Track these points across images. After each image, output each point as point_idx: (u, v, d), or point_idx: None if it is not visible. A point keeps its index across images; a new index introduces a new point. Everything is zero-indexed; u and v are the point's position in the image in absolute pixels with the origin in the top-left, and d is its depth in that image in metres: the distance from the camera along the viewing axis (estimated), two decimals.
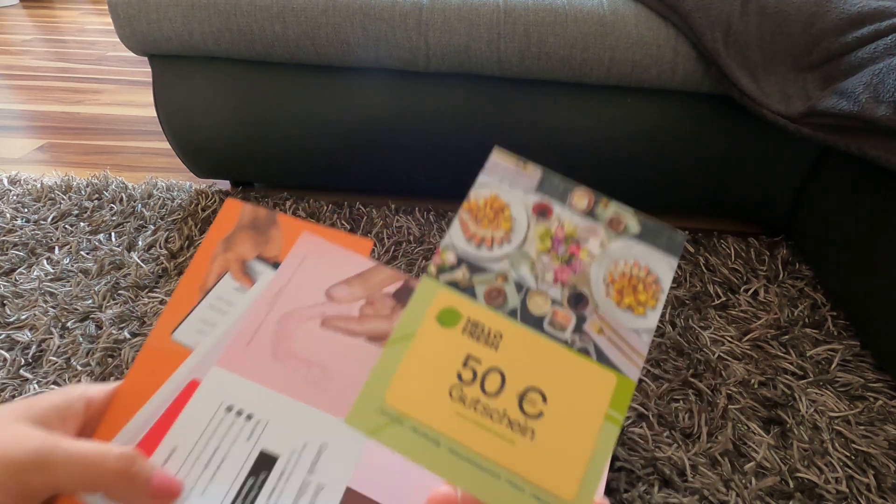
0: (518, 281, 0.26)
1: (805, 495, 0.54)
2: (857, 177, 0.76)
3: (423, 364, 0.24)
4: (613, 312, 0.26)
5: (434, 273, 0.26)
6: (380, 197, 1.03)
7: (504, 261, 0.26)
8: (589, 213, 0.27)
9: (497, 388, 0.24)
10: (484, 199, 0.27)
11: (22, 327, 0.70)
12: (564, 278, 0.26)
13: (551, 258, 0.27)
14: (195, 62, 0.86)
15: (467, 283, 0.26)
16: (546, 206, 0.27)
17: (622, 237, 0.27)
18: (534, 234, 0.27)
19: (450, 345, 0.24)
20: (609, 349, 0.25)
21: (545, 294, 0.26)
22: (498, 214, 0.27)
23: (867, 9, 0.70)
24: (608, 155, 0.88)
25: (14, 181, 0.99)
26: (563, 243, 0.27)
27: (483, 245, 0.27)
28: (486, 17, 0.77)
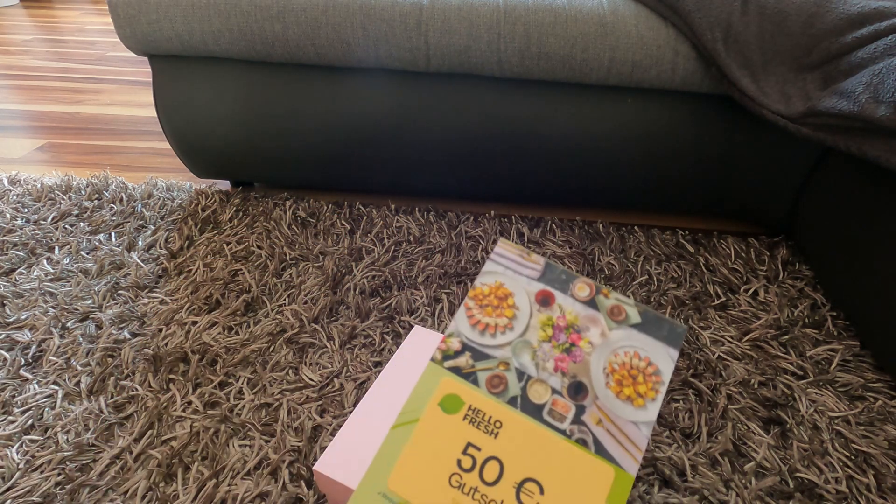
0: (519, 369, 0.27)
1: (805, 495, 0.54)
2: (857, 177, 0.76)
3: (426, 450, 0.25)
4: (613, 404, 0.26)
5: (439, 359, 0.26)
6: (380, 197, 1.03)
7: (506, 348, 0.27)
8: (590, 301, 0.28)
9: (495, 477, 0.24)
10: (489, 286, 0.28)
11: (22, 327, 0.70)
12: (565, 367, 0.27)
13: (552, 346, 0.27)
14: (195, 62, 0.86)
15: (470, 370, 0.26)
16: (549, 295, 0.28)
17: (622, 326, 0.27)
18: (536, 322, 0.27)
19: (451, 432, 0.25)
20: (608, 441, 0.25)
21: (545, 383, 0.26)
22: (502, 302, 0.28)
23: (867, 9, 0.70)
24: (608, 155, 0.88)
25: (14, 181, 0.99)
26: (565, 332, 0.27)
27: (487, 332, 0.27)
28: (486, 17, 0.77)
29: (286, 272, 0.81)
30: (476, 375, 0.26)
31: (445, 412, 0.25)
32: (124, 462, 0.55)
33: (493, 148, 0.89)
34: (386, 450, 0.25)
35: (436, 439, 0.25)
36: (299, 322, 0.72)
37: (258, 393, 0.63)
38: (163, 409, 0.61)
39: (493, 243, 0.89)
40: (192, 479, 0.54)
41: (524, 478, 0.24)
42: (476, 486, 0.24)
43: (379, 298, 0.77)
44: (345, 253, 0.85)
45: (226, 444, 0.57)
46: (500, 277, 0.28)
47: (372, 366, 0.67)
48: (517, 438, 0.25)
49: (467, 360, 0.27)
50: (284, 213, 0.94)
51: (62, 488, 0.53)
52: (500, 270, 0.28)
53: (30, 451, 0.56)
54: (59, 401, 0.61)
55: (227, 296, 0.76)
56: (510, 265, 0.29)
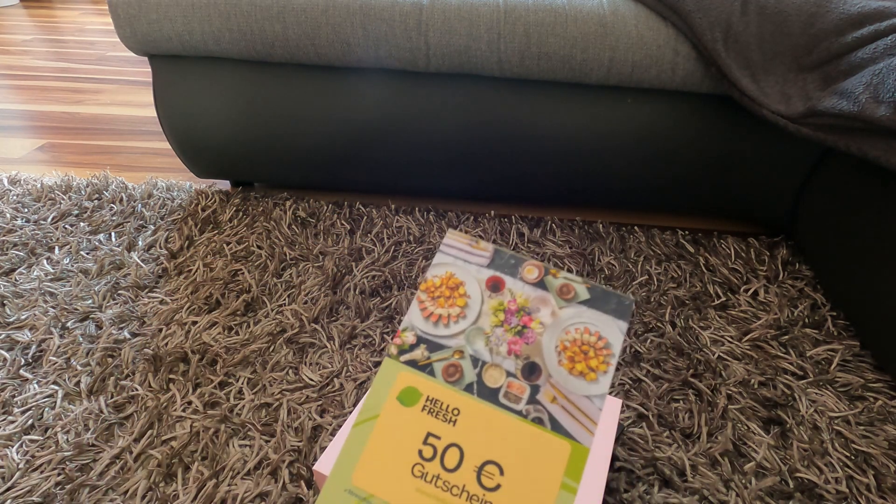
0: (474, 355, 0.27)
1: (805, 495, 0.54)
2: (857, 177, 0.76)
3: (387, 444, 0.25)
4: (566, 380, 0.27)
5: (395, 354, 0.27)
6: (380, 197, 1.03)
7: (460, 337, 0.28)
8: (539, 283, 0.29)
9: (456, 463, 0.25)
10: (440, 277, 0.29)
11: (22, 327, 0.70)
12: (518, 350, 0.27)
13: (504, 331, 0.28)
14: (195, 62, 0.86)
15: (426, 362, 0.27)
16: (499, 280, 0.29)
17: (572, 304, 0.28)
18: (488, 308, 0.28)
19: (411, 424, 0.26)
20: (563, 417, 0.26)
21: (500, 367, 0.27)
22: (453, 292, 0.28)
23: (867, 9, 0.70)
24: (608, 155, 0.88)
25: (14, 181, 0.99)
26: (516, 315, 0.28)
27: (440, 323, 0.28)
28: (486, 18, 0.77)
29: (286, 272, 0.81)
30: (432, 366, 0.27)
31: (404, 405, 0.26)
32: (124, 462, 0.55)
33: (493, 148, 0.89)
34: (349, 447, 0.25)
35: (396, 432, 0.25)
36: (299, 322, 0.72)
37: (258, 393, 0.63)
38: (163, 409, 0.61)
39: (494, 243, 0.89)
40: (192, 479, 0.54)
41: (484, 461, 0.25)
42: (438, 474, 0.25)
43: (379, 298, 0.77)
44: (345, 253, 0.85)
45: (226, 444, 0.57)
46: (450, 268, 0.29)
47: (372, 366, 0.67)
48: (475, 424, 0.26)
49: (423, 352, 0.27)
50: (284, 213, 0.94)
51: (62, 488, 0.53)
52: (450, 261, 0.29)
53: (30, 451, 0.56)
54: (59, 401, 0.61)
55: (227, 296, 0.76)
56: (459, 255, 0.29)
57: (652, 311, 0.76)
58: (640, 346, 0.70)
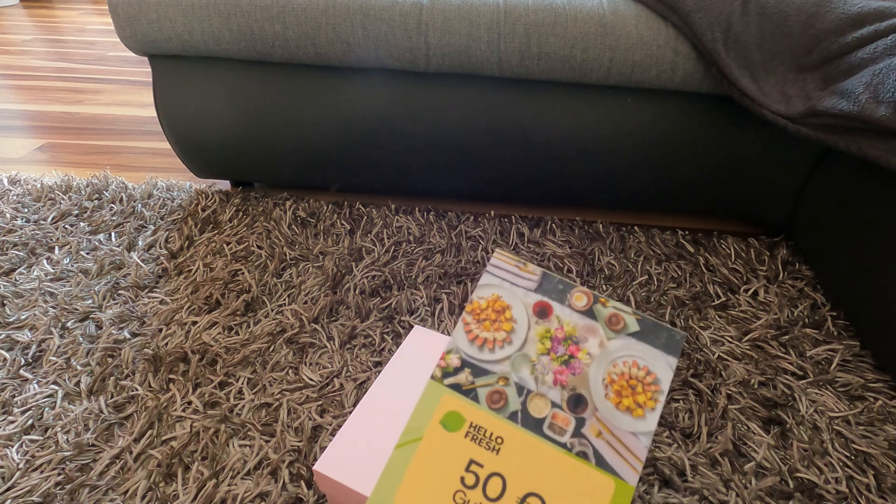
0: (519, 383, 0.26)
1: (805, 495, 0.54)
2: (857, 177, 0.76)
3: (429, 468, 0.25)
4: (612, 415, 0.26)
5: (439, 376, 0.26)
6: (380, 197, 1.03)
7: (505, 363, 0.27)
8: (587, 311, 0.28)
9: (498, 493, 0.25)
10: (486, 300, 0.28)
11: (22, 327, 0.70)
12: (564, 380, 0.27)
13: (551, 359, 0.27)
14: (195, 62, 0.86)
15: (470, 386, 0.26)
16: (546, 306, 0.28)
17: (621, 336, 0.27)
18: (534, 334, 0.27)
19: (454, 449, 0.25)
20: (608, 453, 0.26)
21: (545, 397, 0.26)
22: (500, 315, 0.28)
23: (867, 9, 0.70)
24: (608, 155, 0.88)
25: (14, 181, 0.99)
26: (563, 344, 0.27)
27: (485, 347, 0.27)
28: (486, 18, 0.77)
29: (286, 272, 0.81)
30: (476, 392, 0.26)
31: (447, 430, 0.26)
32: (124, 462, 0.55)
33: (493, 148, 0.89)
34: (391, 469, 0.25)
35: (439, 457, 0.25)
36: (299, 322, 0.72)
37: (258, 393, 0.63)
38: (163, 409, 0.61)
39: (494, 243, 0.89)
40: (192, 479, 0.54)
41: (527, 492, 0.25)
42: (480, 502, 0.25)
43: (379, 298, 0.77)
44: (345, 253, 0.85)
45: (226, 444, 0.57)
46: (497, 290, 0.28)
47: (372, 366, 0.67)
48: (518, 454, 0.25)
49: (467, 376, 0.27)
50: (284, 213, 0.94)
51: (62, 488, 0.53)
52: (497, 283, 0.28)
53: (30, 451, 0.56)
54: (59, 401, 0.61)
55: (227, 296, 0.76)
56: (507, 276, 0.28)
57: (652, 312, 0.76)
58: None
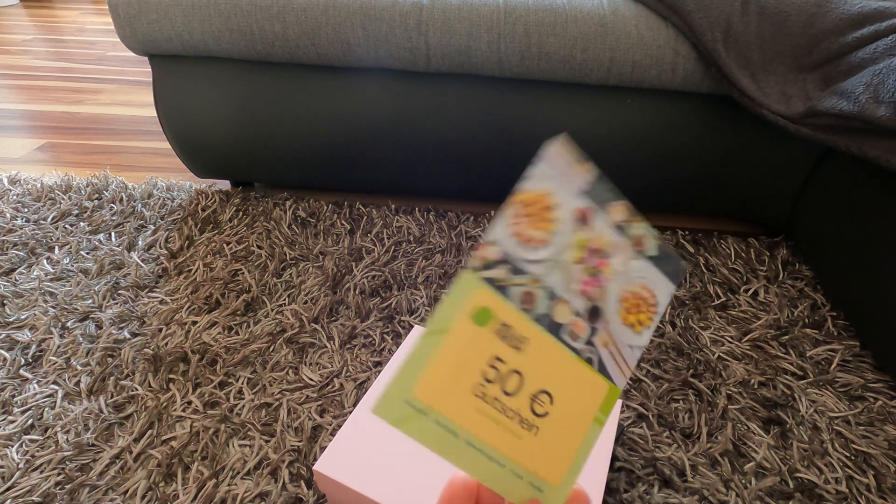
0: (550, 288, 0.26)
1: (805, 495, 0.54)
2: (857, 177, 0.76)
3: (453, 360, 0.25)
4: (617, 328, 0.28)
5: (479, 266, 0.25)
6: (380, 197, 1.03)
7: (541, 265, 0.26)
8: (622, 227, 0.28)
9: (515, 388, 0.26)
10: (536, 193, 0.26)
11: (22, 327, 0.70)
12: (588, 291, 0.27)
13: (582, 269, 0.27)
14: (195, 62, 0.86)
15: (505, 283, 0.26)
16: (587, 213, 0.27)
17: (641, 258, 0.28)
18: (573, 241, 0.27)
19: (480, 344, 0.25)
20: (608, 361, 0.28)
21: (569, 304, 0.27)
22: (546, 213, 0.26)
23: (867, 9, 0.70)
24: (608, 155, 0.88)
25: (14, 181, 0.99)
26: (595, 255, 0.27)
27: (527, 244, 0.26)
28: (486, 18, 0.77)
29: (286, 272, 0.81)
30: (510, 290, 0.26)
31: (477, 324, 0.25)
32: (124, 462, 0.55)
33: (492, 148, 0.89)
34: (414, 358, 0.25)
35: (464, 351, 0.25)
36: (299, 322, 0.72)
37: (258, 393, 0.63)
38: (163, 408, 0.61)
39: None
40: (192, 478, 0.54)
41: (539, 389, 0.26)
42: (496, 396, 0.26)
43: (379, 298, 0.77)
44: (345, 253, 0.85)
45: (226, 444, 0.57)
46: (550, 184, 0.26)
47: (372, 366, 0.67)
48: (538, 354, 0.26)
49: (505, 272, 0.26)
50: (284, 213, 0.94)
51: (62, 488, 0.53)
52: (553, 175, 0.26)
53: (30, 451, 0.56)
54: (59, 401, 0.61)
55: (227, 296, 0.76)
56: (563, 170, 0.27)
57: None
58: None
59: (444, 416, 0.25)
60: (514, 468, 0.26)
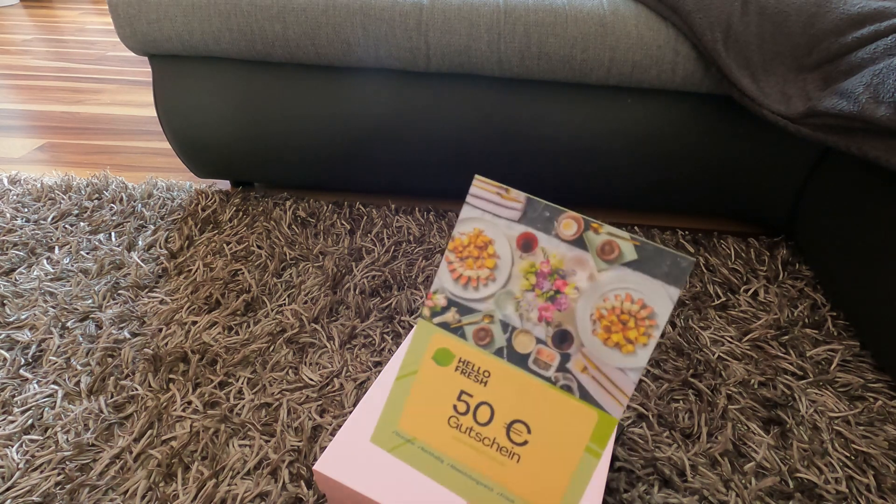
0: (504, 320, 0.27)
1: (805, 495, 0.54)
2: (857, 177, 0.76)
3: (426, 397, 0.28)
4: (599, 351, 0.26)
5: (428, 315, 0.28)
6: (380, 197, 1.03)
7: (490, 301, 0.27)
8: (577, 240, 0.26)
9: (487, 419, 0.27)
10: (468, 235, 0.27)
11: (22, 327, 0.70)
12: (549, 316, 0.26)
13: (536, 296, 0.26)
14: (195, 62, 0.86)
15: (457, 325, 0.27)
16: (531, 238, 0.26)
17: (614, 266, 0.25)
18: (518, 270, 0.26)
19: (445, 381, 0.28)
20: (592, 387, 0.26)
21: (530, 333, 0.26)
22: (482, 251, 0.27)
23: (867, 9, 0.70)
24: (608, 155, 0.88)
25: (14, 181, 0.99)
26: (548, 279, 0.26)
27: (469, 285, 0.27)
28: (487, 18, 0.77)
29: (286, 272, 0.81)
30: (463, 329, 0.28)
31: (439, 364, 0.28)
32: (124, 462, 0.55)
33: (492, 148, 0.89)
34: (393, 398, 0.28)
35: (433, 388, 0.28)
36: (299, 322, 0.72)
37: (258, 393, 0.63)
38: (163, 408, 0.61)
39: None
40: (191, 479, 0.54)
41: (512, 419, 0.27)
42: (471, 427, 0.27)
43: (379, 298, 0.77)
44: (345, 253, 0.85)
45: (226, 444, 0.57)
46: (479, 223, 0.27)
47: (372, 366, 0.67)
48: (504, 385, 0.27)
49: (454, 315, 0.28)
50: (284, 213, 0.94)
51: (62, 488, 0.53)
52: (478, 215, 0.27)
53: (30, 451, 0.56)
54: (59, 401, 0.61)
55: (227, 296, 0.76)
56: (488, 207, 0.27)
57: None
58: None
59: (427, 444, 0.28)
60: (502, 492, 0.27)
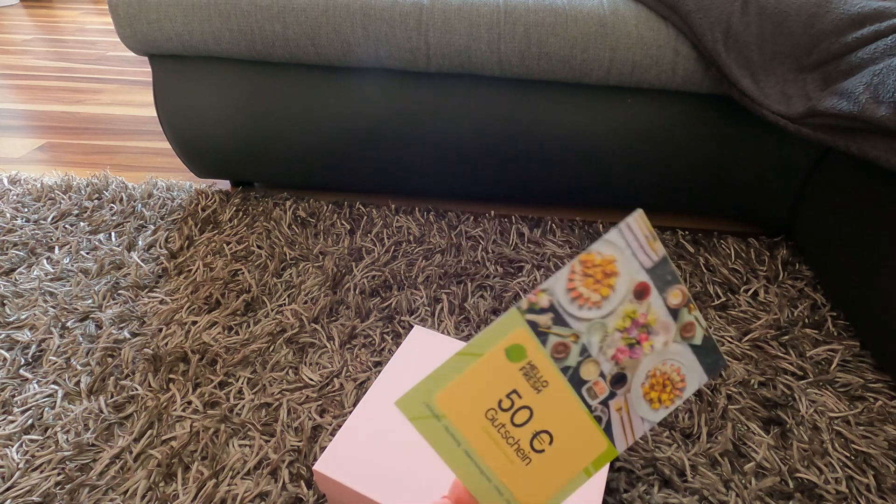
0: (586, 346, 0.28)
1: (805, 495, 0.54)
2: (857, 177, 0.76)
3: (477, 383, 0.28)
4: (637, 399, 0.29)
5: (524, 308, 0.28)
6: (380, 197, 1.03)
7: (585, 323, 0.28)
8: (674, 310, 0.29)
9: (523, 421, 0.28)
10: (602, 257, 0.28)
11: (22, 327, 0.70)
12: (621, 359, 0.29)
13: (622, 337, 0.29)
14: (195, 62, 0.86)
15: (546, 330, 0.28)
16: (646, 289, 0.29)
17: (684, 343, 0.30)
18: (622, 310, 0.29)
19: (505, 376, 0.28)
20: (616, 424, 0.29)
21: (598, 364, 0.29)
22: (605, 278, 0.28)
23: (867, 9, 0.70)
24: (608, 155, 0.88)
25: (14, 181, 0.99)
26: (638, 329, 0.29)
27: (577, 301, 0.28)
28: (487, 18, 0.77)
29: (286, 272, 0.81)
30: (548, 336, 0.28)
31: (508, 358, 0.28)
32: (124, 462, 0.55)
33: (492, 148, 0.89)
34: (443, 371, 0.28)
35: (489, 377, 0.28)
36: (299, 322, 0.72)
37: (258, 393, 0.63)
38: (163, 408, 0.61)
39: (493, 243, 0.89)
40: (191, 478, 0.54)
41: (543, 429, 0.29)
42: (504, 423, 0.28)
43: (379, 298, 0.77)
44: (345, 253, 0.85)
45: (226, 444, 0.57)
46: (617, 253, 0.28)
47: (372, 366, 0.67)
48: (553, 399, 0.28)
49: (548, 319, 0.28)
50: (284, 213, 0.94)
51: (62, 488, 0.53)
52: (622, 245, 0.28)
53: (30, 451, 0.56)
54: (59, 400, 0.61)
55: (227, 296, 0.76)
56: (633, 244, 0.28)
57: None
58: None
59: (453, 425, 0.28)
60: (497, 484, 0.29)
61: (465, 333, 0.72)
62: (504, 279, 0.81)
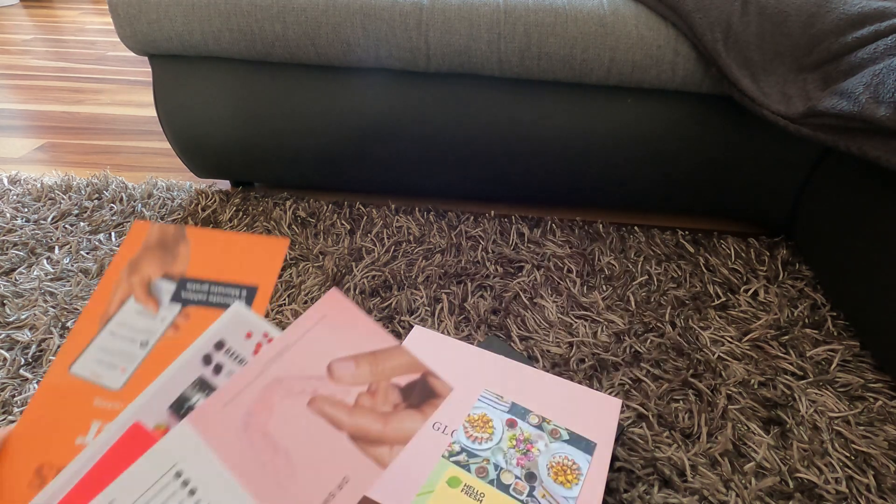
0: (496, 463, 0.45)
1: (805, 496, 0.54)
2: (857, 177, 0.76)
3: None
4: (551, 485, 0.44)
5: (447, 455, 0.46)
6: (380, 197, 1.03)
7: (488, 451, 0.46)
8: (538, 426, 0.49)
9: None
10: (479, 414, 0.49)
11: (22, 327, 0.70)
12: (523, 463, 0.45)
13: (516, 451, 0.46)
14: (195, 62, 0.86)
15: (466, 463, 0.45)
16: (514, 421, 0.49)
17: (558, 441, 0.48)
18: (506, 436, 0.48)
19: (453, 499, 0.42)
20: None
21: (511, 472, 0.45)
22: (486, 424, 0.49)
23: (867, 9, 0.70)
24: (608, 155, 0.88)
25: (14, 181, 0.99)
26: (523, 443, 0.47)
27: (476, 441, 0.47)
28: (487, 18, 0.77)
29: (286, 272, 0.81)
30: (469, 466, 0.45)
31: (450, 487, 0.43)
32: None
33: (492, 148, 0.89)
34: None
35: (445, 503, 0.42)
36: None
37: None
38: None
39: (493, 243, 0.89)
40: None
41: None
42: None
43: (379, 298, 0.77)
44: (345, 253, 0.85)
45: None
46: (486, 411, 0.50)
47: None
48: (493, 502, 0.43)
49: (464, 457, 0.46)
50: (284, 213, 0.94)
51: None
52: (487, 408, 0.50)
53: None
54: None
55: None
56: (492, 402, 0.51)
57: (652, 311, 0.76)
58: (640, 346, 0.70)
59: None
60: None
61: (465, 333, 0.72)
62: (504, 279, 0.81)
